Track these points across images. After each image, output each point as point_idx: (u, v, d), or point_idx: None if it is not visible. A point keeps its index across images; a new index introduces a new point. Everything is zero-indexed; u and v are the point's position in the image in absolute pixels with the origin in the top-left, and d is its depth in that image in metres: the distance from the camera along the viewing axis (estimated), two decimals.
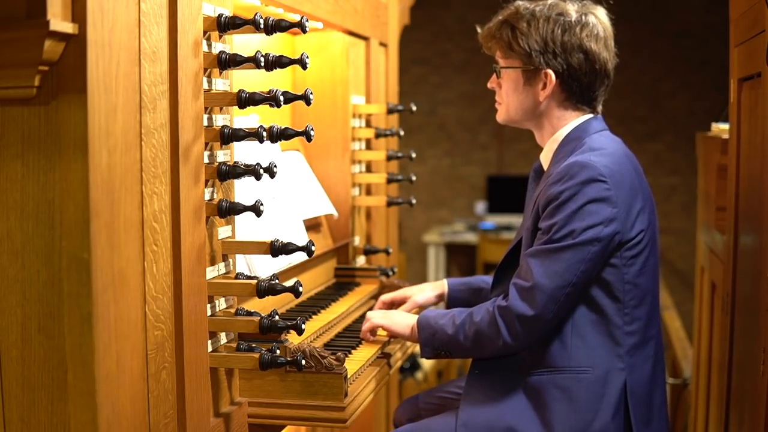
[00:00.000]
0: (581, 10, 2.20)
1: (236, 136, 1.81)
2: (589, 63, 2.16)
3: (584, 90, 2.19)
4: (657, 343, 2.17)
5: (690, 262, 6.80)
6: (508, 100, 2.26)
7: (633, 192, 2.08)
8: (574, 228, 2.01)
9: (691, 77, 7.81)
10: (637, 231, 2.07)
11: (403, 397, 4.04)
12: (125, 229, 1.51)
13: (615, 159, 2.09)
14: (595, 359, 2.07)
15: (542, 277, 2.01)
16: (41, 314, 1.45)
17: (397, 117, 3.31)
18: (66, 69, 1.40)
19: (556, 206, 2.04)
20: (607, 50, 2.20)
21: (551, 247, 2.02)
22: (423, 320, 2.19)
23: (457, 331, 2.12)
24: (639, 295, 2.09)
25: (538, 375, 2.10)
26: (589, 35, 2.16)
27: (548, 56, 2.16)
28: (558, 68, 2.16)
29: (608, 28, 2.22)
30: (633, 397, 2.07)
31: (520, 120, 2.27)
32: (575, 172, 2.03)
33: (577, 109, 2.21)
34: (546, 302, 2.01)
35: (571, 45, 2.15)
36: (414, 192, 6.58)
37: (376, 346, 2.29)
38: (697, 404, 3.35)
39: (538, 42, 2.16)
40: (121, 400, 1.50)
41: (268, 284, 1.80)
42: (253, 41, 2.40)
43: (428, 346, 2.17)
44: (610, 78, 2.22)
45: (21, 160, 1.43)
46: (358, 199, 2.91)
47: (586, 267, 2.01)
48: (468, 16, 8.11)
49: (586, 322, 2.07)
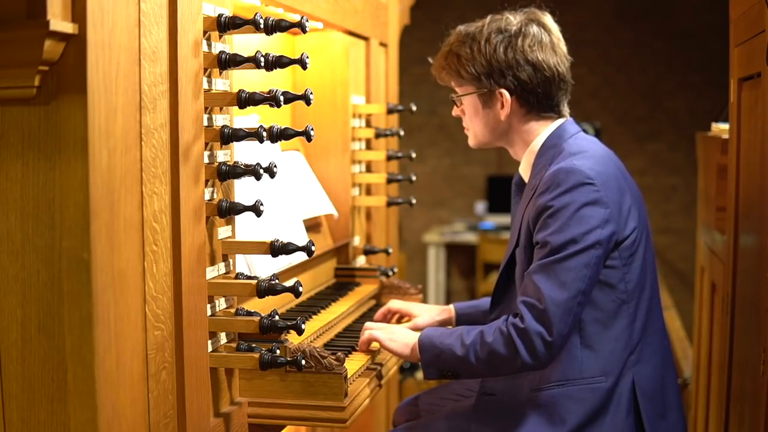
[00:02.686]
0: (523, 20, 2.18)
1: (236, 136, 1.81)
2: (539, 73, 2.15)
3: (542, 100, 2.17)
4: (662, 336, 2.16)
5: (690, 262, 6.80)
6: (473, 125, 2.27)
7: (621, 191, 2.07)
8: (574, 235, 1.97)
9: (691, 77, 7.81)
10: (630, 229, 2.06)
11: (403, 397, 4.04)
12: (125, 229, 1.51)
13: (598, 160, 2.07)
14: (607, 367, 2.04)
15: (552, 291, 1.96)
16: (41, 314, 1.45)
17: (397, 117, 3.31)
18: (66, 69, 1.40)
19: (549, 216, 2.01)
20: (556, 55, 2.17)
21: (554, 258, 1.98)
22: (426, 340, 2.11)
23: (467, 352, 2.04)
24: (640, 291, 2.09)
25: (549, 390, 2.06)
26: (533, 45, 2.14)
27: (496, 76, 2.16)
28: (510, 86, 2.15)
29: (554, 32, 2.20)
30: (643, 393, 2.06)
31: (490, 141, 2.27)
32: (562, 179, 2.01)
33: (543, 118, 2.20)
34: (561, 317, 1.96)
35: (516, 60, 2.14)
36: (414, 192, 6.57)
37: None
38: (697, 404, 3.35)
39: (483, 65, 2.16)
40: (121, 400, 1.50)
41: (268, 284, 1.80)
42: (253, 41, 2.40)
43: (432, 367, 2.10)
44: (566, 80, 2.20)
45: (21, 160, 1.43)
46: (358, 199, 2.91)
47: (591, 272, 1.98)
48: (468, 16, 8.04)
49: (593, 329, 2.05)
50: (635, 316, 2.07)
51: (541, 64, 2.14)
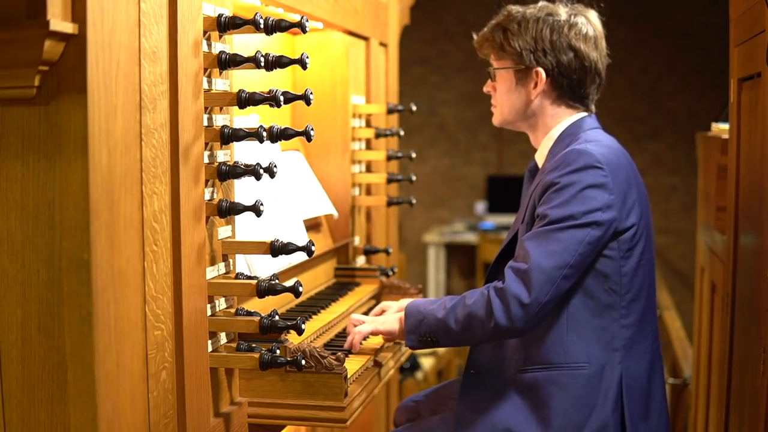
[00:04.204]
0: (571, 11, 2.24)
1: (236, 136, 1.81)
2: (579, 61, 2.20)
3: (575, 87, 2.22)
4: (654, 340, 2.18)
5: (690, 262, 6.80)
6: (502, 102, 2.30)
7: (628, 183, 2.10)
8: (573, 212, 2.02)
9: (691, 77, 7.81)
10: (631, 222, 2.08)
11: (403, 397, 4.04)
12: (125, 229, 1.51)
13: (611, 150, 2.12)
14: (591, 354, 2.07)
15: (539, 256, 2.00)
16: (41, 314, 1.45)
17: (397, 117, 3.31)
18: (66, 69, 1.40)
19: (553, 191, 2.05)
20: (597, 50, 2.23)
21: (549, 228, 2.02)
22: (411, 307, 2.17)
23: (447, 315, 2.09)
24: (635, 289, 2.10)
25: (534, 372, 2.10)
26: (578, 35, 2.20)
27: (538, 54, 2.20)
28: (548, 66, 2.20)
29: (598, 30, 2.26)
30: (629, 392, 2.08)
31: (515, 121, 2.30)
32: (572, 159, 2.06)
33: (570, 107, 2.24)
34: (543, 284, 1.99)
35: (560, 44, 2.19)
36: (414, 192, 6.57)
37: (377, 345, 2.29)
38: (697, 404, 3.35)
39: (528, 41, 2.21)
40: (121, 400, 1.50)
41: (268, 284, 1.80)
42: (253, 41, 2.40)
43: (414, 333, 2.14)
44: (601, 77, 2.25)
45: (21, 160, 1.43)
46: (358, 199, 2.91)
47: (584, 250, 2.01)
48: (468, 17, 8.11)
49: (582, 316, 2.07)
50: (628, 311, 2.09)
51: (582, 53, 2.20)
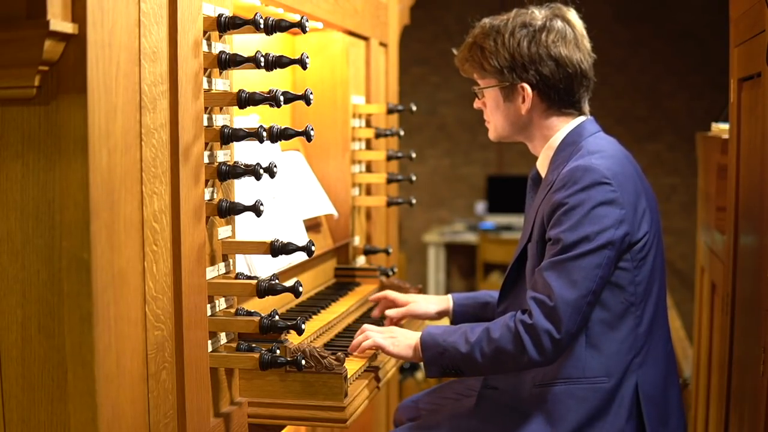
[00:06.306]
0: (547, 14, 2.17)
1: (236, 136, 1.81)
2: (562, 69, 2.14)
3: (564, 96, 2.17)
4: (667, 341, 2.16)
5: (690, 262, 6.80)
6: (493, 119, 2.26)
7: (636, 193, 2.06)
8: (587, 234, 1.97)
9: (691, 77, 7.81)
10: (644, 231, 2.05)
11: (403, 397, 4.04)
12: (125, 229, 1.51)
13: (616, 161, 2.07)
14: (610, 368, 2.04)
15: (563, 289, 1.96)
16: (41, 314, 1.45)
17: (397, 117, 3.31)
18: (66, 69, 1.40)
19: (563, 213, 2.00)
20: (580, 51, 2.17)
21: (566, 256, 1.97)
22: (428, 338, 2.10)
23: (472, 349, 2.04)
24: (647, 294, 2.08)
25: (552, 387, 2.06)
26: (557, 40, 2.14)
27: (519, 70, 2.15)
28: (532, 80, 2.15)
29: (578, 29, 2.19)
30: (646, 398, 2.05)
31: (511, 135, 2.26)
32: (579, 177, 2.01)
33: (564, 114, 2.19)
34: (570, 315, 1.96)
35: (539, 55, 2.13)
36: (414, 192, 6.57)
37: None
38: (697, 404, 3.35)
39: (507, 58, 2.15)
40: (121, 400, 1.50)
41: (268, 284, 1.80)
42: (253, 41, 2.40)
43: (435, 365, 2.10)
44: (588, 77, 2.20)
45: (21, 160, 1.43)
46: (358, 199, 2.91)
47: (603, 273, 1.98)
48: (468, 16, 8.07)
49: (600, 330, 2.04)
50: (641, 319, 2.07)
51: (564, 60, 2.14)
